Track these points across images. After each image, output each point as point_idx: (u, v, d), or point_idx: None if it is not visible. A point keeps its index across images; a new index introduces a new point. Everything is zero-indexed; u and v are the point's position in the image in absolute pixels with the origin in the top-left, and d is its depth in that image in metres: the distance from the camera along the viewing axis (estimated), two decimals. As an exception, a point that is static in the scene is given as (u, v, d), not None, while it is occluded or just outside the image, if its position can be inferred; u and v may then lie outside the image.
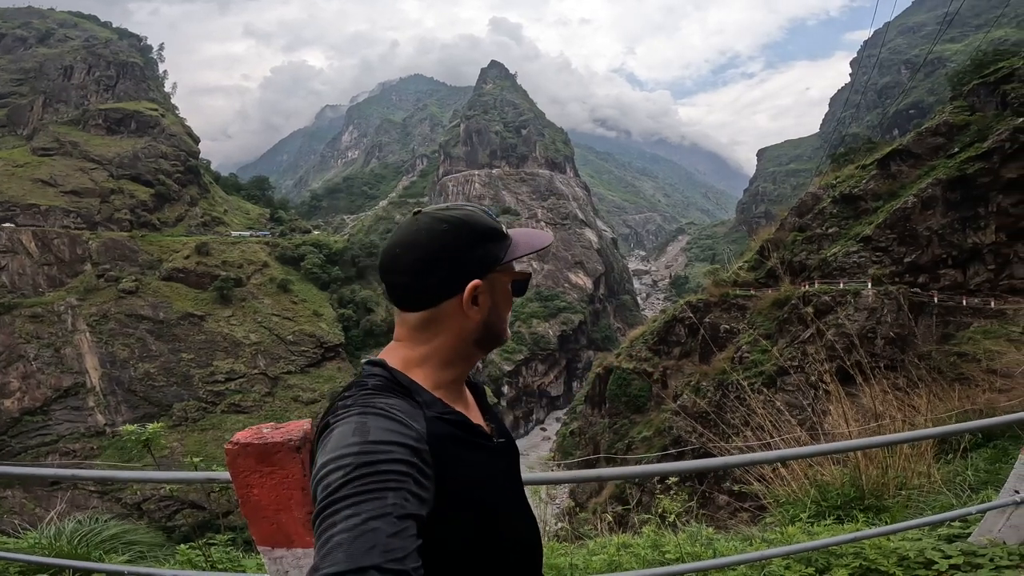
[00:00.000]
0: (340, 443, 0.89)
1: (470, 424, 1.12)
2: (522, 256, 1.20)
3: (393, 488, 0.83)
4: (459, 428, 1.08)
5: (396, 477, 0.85)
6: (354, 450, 0.87)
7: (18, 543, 3.44)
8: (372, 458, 0.86)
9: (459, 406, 1.15)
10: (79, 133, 79.35)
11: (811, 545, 2.37)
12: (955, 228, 22.56)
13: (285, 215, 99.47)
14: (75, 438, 53.50)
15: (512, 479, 1.22)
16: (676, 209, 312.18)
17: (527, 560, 1.17)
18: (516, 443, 1.32)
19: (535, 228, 1.30)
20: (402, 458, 0.88)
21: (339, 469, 0.85)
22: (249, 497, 1.62)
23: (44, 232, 64.02)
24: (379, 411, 0.96)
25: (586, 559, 3.03)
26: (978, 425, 2.67)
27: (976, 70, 27.64)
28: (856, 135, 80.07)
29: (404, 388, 1.07)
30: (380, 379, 1.09)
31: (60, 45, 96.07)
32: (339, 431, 0.92)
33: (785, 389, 17.42)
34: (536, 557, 1.22)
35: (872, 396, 4.99)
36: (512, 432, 5.49)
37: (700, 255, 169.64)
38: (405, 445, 0.91)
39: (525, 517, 1.22)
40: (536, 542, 1.23)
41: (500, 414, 1.38)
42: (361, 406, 0.98)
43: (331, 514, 0.80)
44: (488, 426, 1.24)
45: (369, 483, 0.83)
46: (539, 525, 1.36)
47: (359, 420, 0.93)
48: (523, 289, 1.27)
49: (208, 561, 3.09)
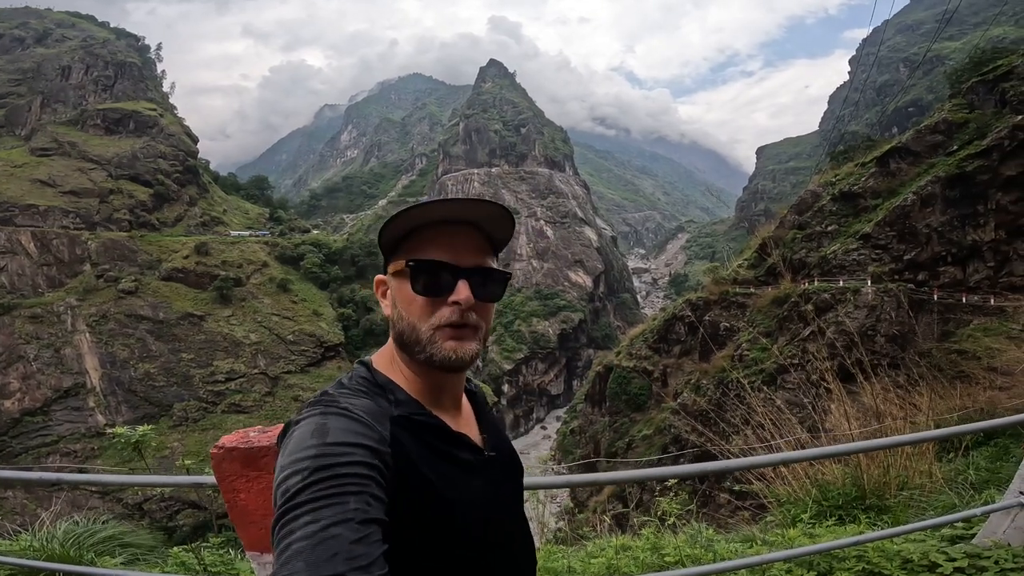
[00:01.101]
0: (299, 445, 0.84)
1: (446, 430, 1.03)
2: (392, 241, 1.06)
3: (354, 492, 0.78)
4: (431, 433, 1.00)
5: (357, 481, 0.79)
6: (312, 452, 0.81)
7: (10, 545, 3.40)
8: (331, 461, 0.80)
9: (442, 412, 1.06)
10: (77, 133, 79.27)
11: (813, 549, 2.33)
12: (954, 225, 22.55)
13: (284, 215, 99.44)
14: (75, 439, 53.48)
15: (501, 491, 1.11)
16: (676, 207, 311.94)
17: (506, 571, 1.08)
18: (516, 458, 1.21)
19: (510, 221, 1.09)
20: (362, 460, 0.82)
21: (297, 473, 0.79)
22: (236, 502, 1.58)
23: (43, 232, 63.98)
24: (341, 411, 0.90)
25: (584, 562, 2.99)
26: (982, 427, 2.63)
27: (975, 68, 27.64)
28: (855, 133, 79.99)
29: (380, 387, 1.02)
30: (358, 378, 1.03)
31: (58, 45, 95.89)
32: (299, 432, 0.87)
33: (785, 387, 17.38)
34: (520, 571, 1.13)
35: (873, 395, 4.96)
36: (512, 431, 5.40)
37: (700, 253, 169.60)
38: (366, 447, 0.85)
39: (510, 531, 1.12)
40: (523, 556, 1.15)
41: (502, 427, 1.26)
42: (324, 406, 0.92)
43: (290, 520, 0.74)
44: (481, 437, 1.14)
45: (329, 487, 0.77)
46: (536, 527, 1.26)
47: (319, 421, 0.88)
48: (428, 286, 1.01)
49: (201, 564, 3.05)
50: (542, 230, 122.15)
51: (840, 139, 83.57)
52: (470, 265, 1.03)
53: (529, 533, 1.20)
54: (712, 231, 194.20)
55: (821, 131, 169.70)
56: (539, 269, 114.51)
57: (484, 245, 1.07)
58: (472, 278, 1.02)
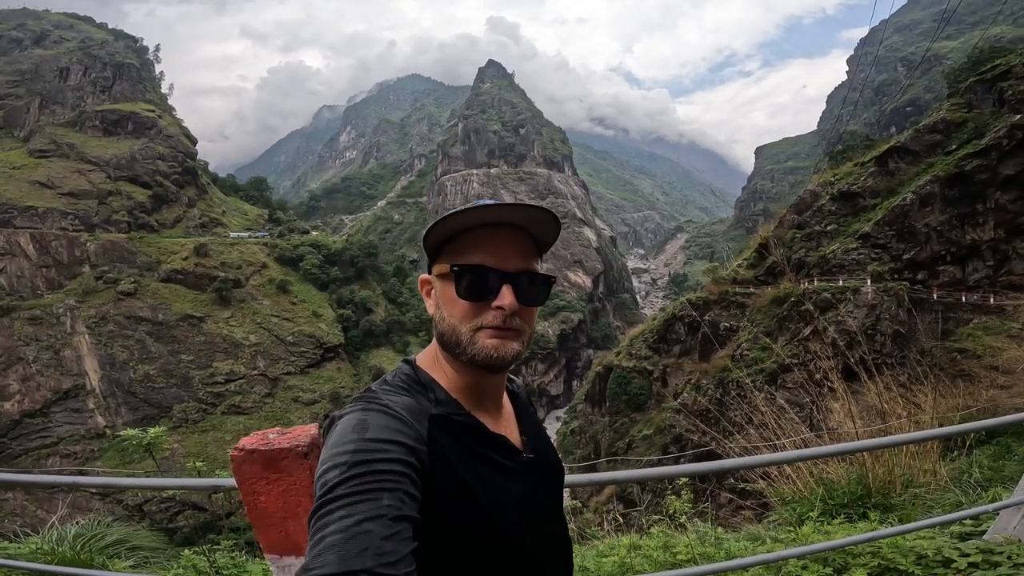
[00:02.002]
0: (340, 440, 0.86)
1: (484, 431, 1.04)
2: (437, 243, 1.06)
3: (389, 489, 0.80)
4: (469, 433, 1.01)
5: (392, 477, 0.82)
6: (351, 447, 0.84)
7: (19, 548, 3.40)
8: (368, 456, 0.83)
9: (482, 413, 1.07)
10: (76, 135, 79.21)
11: (828, 545, 2.35)
12: (953, 225, 22.59)
13: (283, 216, 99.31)
14: (75, 440, 53.47)
15: (538, 496, 1.11)
16: (675, 207, 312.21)
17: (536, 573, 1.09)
18: (559, 462, 1.22)
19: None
20: (399, 457, 0.85)
21: (336, 467, 0.82)
22: (256, 504, 1.59)
23: (42, 234, 63.94)
24: (381, 408, 0.93)
25: (597, 561, 3.00)
26: (986, 425, 2.65)
27: (973, 67, 27.70)
28: (854, 133, 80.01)
29: (422, 385, 1.03)
30: (401, 375, 1.05)
31: (56, 47, 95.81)
32: (341, 427, 0.90)
33: (786, 386, 17.40)
34: (555, 573, 1.15)
35: (877, 393, 4.97)
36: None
37: (699, 253, 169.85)
38: (403, 444, 0.87)
39: (546, 536, 1.11)
40: (555, 562, 1.15)
41: (543, 429, 1.26)
42: (366, 402, 0.95)
43: (325, 513, 0.77)
44: (521, 439, 1.14)
45: (365, 483, 0.79)
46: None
47: (360, 416, 0.90)
48: (471, 290, 1.00)
49: (213, 567, 3.06)
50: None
51: (839, 139, 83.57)
52: (514, 269, 1.02)
53: (567, 536, 1.21)
54: (711, 231, 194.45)
55: (819, 131, 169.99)
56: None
57: (529, 248, 1.06)
58: (517, 282, 1.01)
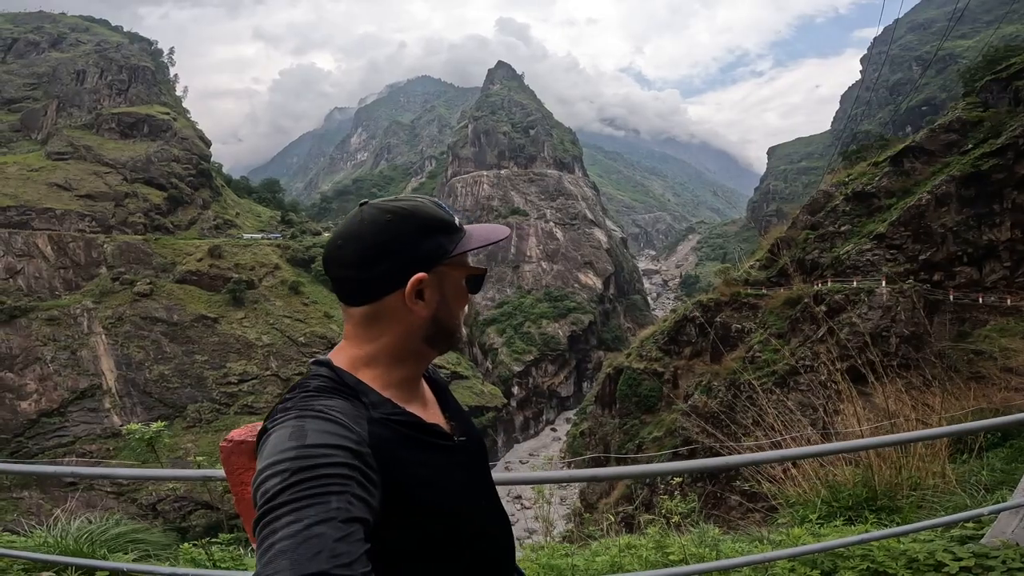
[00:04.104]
0: (276, 448, 0.85)
1: (422, 424, 1.08)
2: (474, 249, 1.15)
3: (336, 492, 0.79)
4: (409, 429, 1.04)
5: (339, 481, 0.81)
6: (291, 455, 0.83)
7: (25, 541, 3.46)
8: (311, 462, 0.82)
9: (413, 405, 1.11)
10: (93, 137, 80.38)
11: (817, 547, 2.31)
12: (970, 225, 22.28)
13: (296, 217, 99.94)
14: (91, 439, 54.16)
15: (475, 476, 1.18)
16: (686, 208, 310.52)
17: (493, 555, 1.15)
18: (482, 439, 1.27)
19: (499, 224, 1.27)
20: (343, 461, 0.84)
21: (276, 475, 0.80)
22: (243, 495, 1.60)
23: (60, 236, 64.90)
24: (317, 414, 0.91)
25: (588, 560, 3.00)
26: (992, 424, 2.60)
27: (988, 66, 27.37)
28: (868, 132, 79.32)
29: (350, 389, 1.03)
30: (324, 380, 1.04)
31: (72, 49, 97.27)
32: (275, 436, 0.88)
33: (798, 389, 17.25)
34: (504, 552, 1.20)
35: (885, 395, 4.91)
36: (522, 433, 5.43)
37: (711, 254, 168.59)
38: (345, 448, 0.87)
39: (490, 513, 1.18)
40: (504, 537, 1.21)
41: (465, 410, 1.32)
42: (299, 409, 0.93)
43: (271, 520, 0.76)
44: (449, 424, 1.19)
45: (310, 488, 0.78)
46: (542, 526, 1.31)
47: (296, 424, 0.89)
48: (479, 285, 1.21)
49: (211, 559, 3.09)
50: (552, 232, 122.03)
51: (852, 138, 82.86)
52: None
53: (504, 512, 1.25)
54: (723, 232, 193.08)
55: (833, 131, 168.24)
56: (549, 271, 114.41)
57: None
58: None
